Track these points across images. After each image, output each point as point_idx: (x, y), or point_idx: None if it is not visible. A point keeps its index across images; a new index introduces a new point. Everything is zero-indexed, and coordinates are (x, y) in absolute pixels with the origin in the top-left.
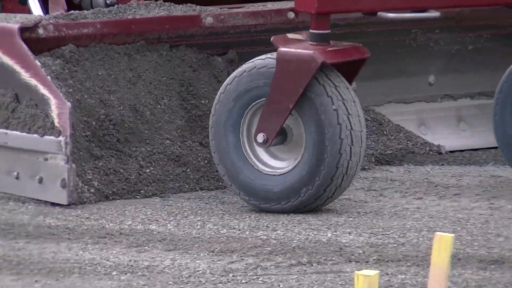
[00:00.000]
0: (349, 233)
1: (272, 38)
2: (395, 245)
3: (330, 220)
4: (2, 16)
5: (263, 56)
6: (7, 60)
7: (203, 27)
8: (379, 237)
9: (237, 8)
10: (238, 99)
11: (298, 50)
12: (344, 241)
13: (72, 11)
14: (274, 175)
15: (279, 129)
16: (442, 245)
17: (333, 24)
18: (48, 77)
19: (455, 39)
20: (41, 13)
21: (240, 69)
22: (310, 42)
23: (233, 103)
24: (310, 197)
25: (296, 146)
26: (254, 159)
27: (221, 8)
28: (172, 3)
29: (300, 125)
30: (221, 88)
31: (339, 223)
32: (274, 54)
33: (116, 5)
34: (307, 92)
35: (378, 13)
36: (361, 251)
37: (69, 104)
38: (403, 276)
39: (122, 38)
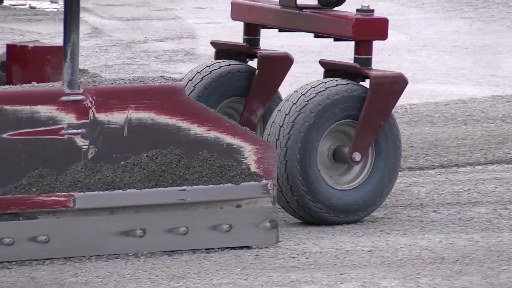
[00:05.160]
0: None
1: (357, 65)
2: None
3: None
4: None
5: (332, 83)
6: (165, 119)
7: None
8: None
9: None
10: (319, 124)
11: (389, 72)
12: None
13: None
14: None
15: (371, 146)
16: None
17: None
18: (239, 126)
19: None
20: None
21: (315, 100)
22: (359, 66)
23: (309, 130)
24: (372, 212)
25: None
26: (328, 178)
27: None
28: None
29: None
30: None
31: None
32: (344, 81)
33: None
34: None
35: None
36: None
37: (274, 147)
38: None
39: None
